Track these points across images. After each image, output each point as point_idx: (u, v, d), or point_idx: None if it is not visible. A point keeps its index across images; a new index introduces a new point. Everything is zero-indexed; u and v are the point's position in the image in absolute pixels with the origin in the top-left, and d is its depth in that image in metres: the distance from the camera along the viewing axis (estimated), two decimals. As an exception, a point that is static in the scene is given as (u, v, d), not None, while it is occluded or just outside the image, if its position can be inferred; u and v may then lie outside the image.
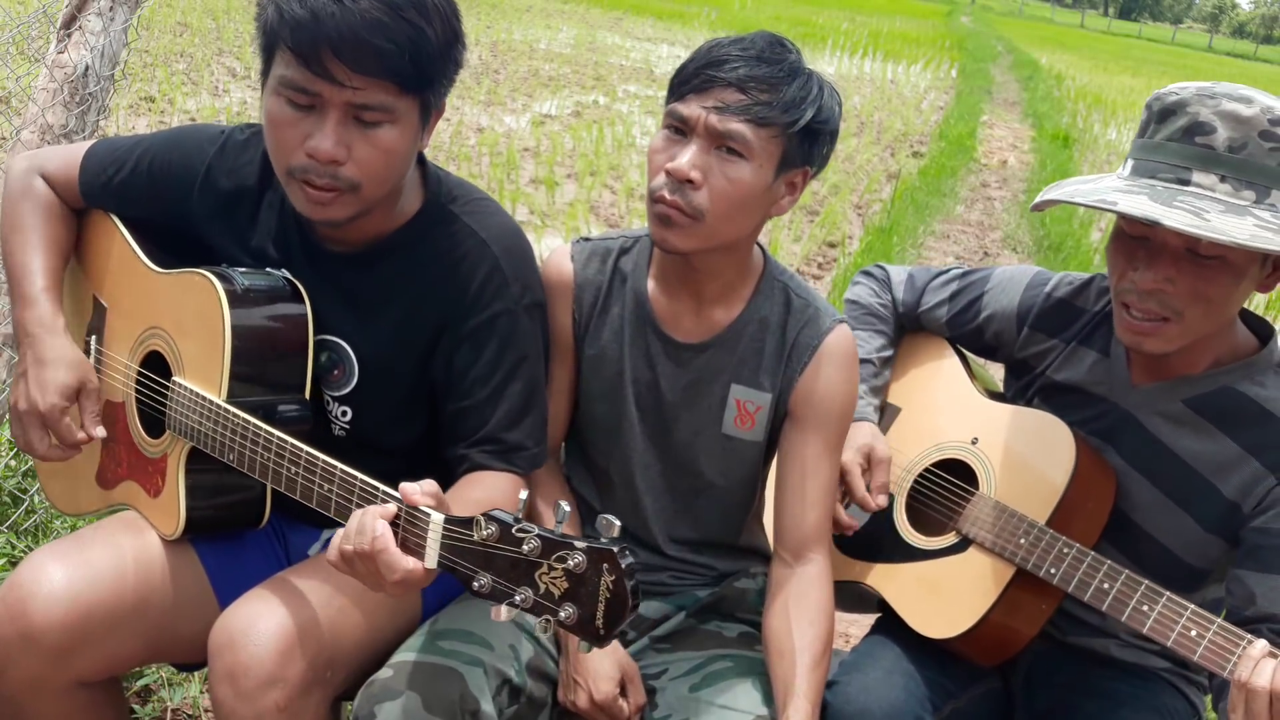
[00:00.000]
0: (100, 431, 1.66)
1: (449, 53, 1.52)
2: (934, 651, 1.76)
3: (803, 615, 1.63)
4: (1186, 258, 1.55)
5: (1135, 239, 1.59)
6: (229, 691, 1.46)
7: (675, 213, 1.56)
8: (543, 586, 1.22)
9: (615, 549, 1.19)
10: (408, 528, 1.33)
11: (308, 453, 1.45)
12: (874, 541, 1.90)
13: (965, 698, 1.80)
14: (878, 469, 1.83)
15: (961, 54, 23.48)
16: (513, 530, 1.23)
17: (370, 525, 1.32)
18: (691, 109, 1.55)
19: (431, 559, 1.30)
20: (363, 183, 1.51)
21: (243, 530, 1.69)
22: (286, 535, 1.77)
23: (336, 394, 1.68)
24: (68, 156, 1.80)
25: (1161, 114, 1.56)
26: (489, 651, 1.57)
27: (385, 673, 1.52)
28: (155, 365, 1.68)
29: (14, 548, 2.47)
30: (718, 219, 1.57)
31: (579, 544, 1.20)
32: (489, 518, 1.25)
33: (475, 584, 1.26)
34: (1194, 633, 1.52)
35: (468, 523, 1.27)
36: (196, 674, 2.31)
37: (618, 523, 1.21)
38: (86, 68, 2.47)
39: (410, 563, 1.31)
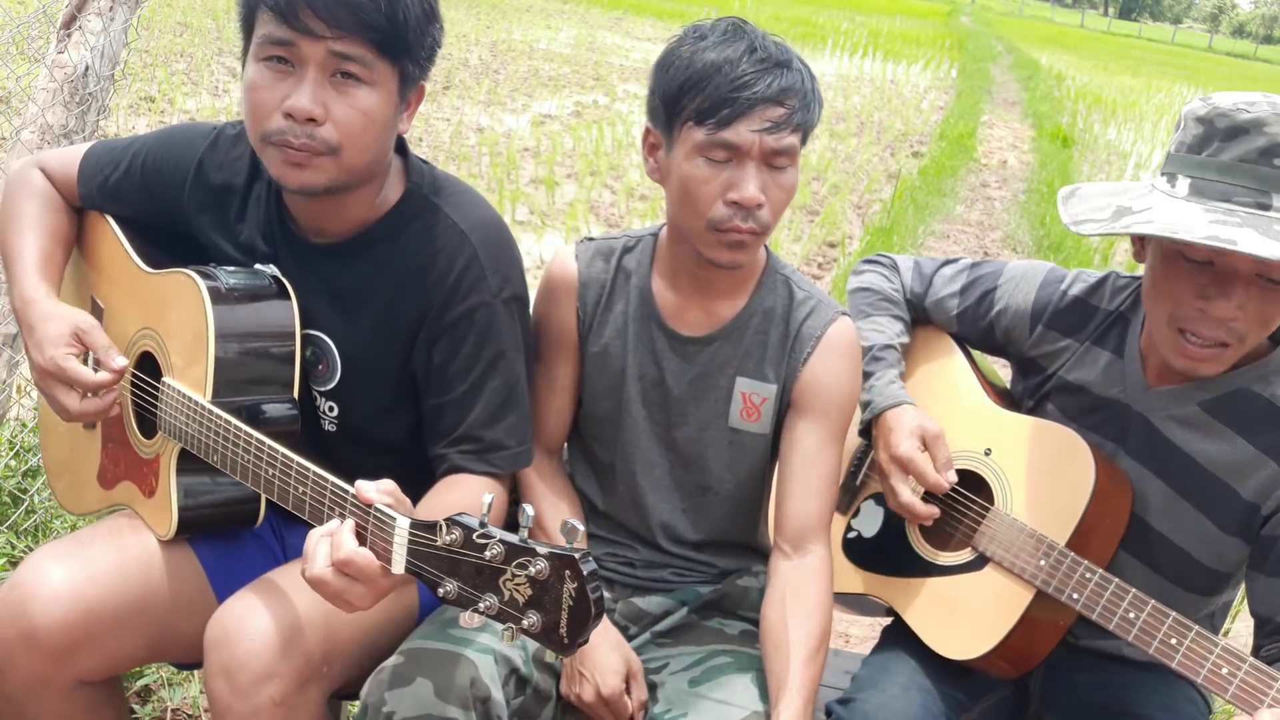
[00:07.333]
0: (121, 360, 1.61)
1: (426, 26, 1.52)
2: (947, 662, 1.74)
3: (799, 608, 1.63)
4: (1256, 283, 1.51)
5: (1197, 263, 1.52)
6: (224, 687, 1.45)
7: (752, 238, 1.59)
8: (507, 593, 1.20)
9: (577, 555, 1.17)
10: (375, 533, 1.31)
11: (283, 454, 1.44)
12: (884, 553, 1.86)
13: (978, 709, 1.78)
14: (937, 447, 1.77)
15: (961, 54, 23.49)
16: (474, 536, 1.21)
17: (341, 540, 1.31)
18: (742, 135, 1.54)
19: (399, 564, 1.29)
20: (341, 144, 1.49)
21: (239, 530, 1.69)
22: (284, 534, 1.77)
23: (322, 389, 1.68)
24: (67, 156, 1.81)
25: (1230, 131, 1.48)
26: (498, 640, 1.57)
27: (396, 659, 1.52)
28: (148, 366, 1.69)
29: (14, 548, 2.47)
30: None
31: (540, 550, 1.18)
32: (452, 522, 1.23)
33: (441, 590, 1.24)
34: (1225, 670, 1.50)
35: (432, 527, 1.25)
36: (196, 674, 2.31)
37: (581, 528, 1.20)
38: (86, 68, 2.47)
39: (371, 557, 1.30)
